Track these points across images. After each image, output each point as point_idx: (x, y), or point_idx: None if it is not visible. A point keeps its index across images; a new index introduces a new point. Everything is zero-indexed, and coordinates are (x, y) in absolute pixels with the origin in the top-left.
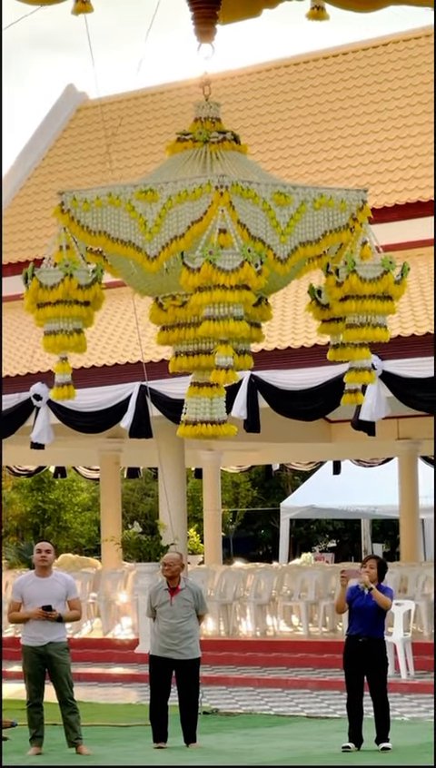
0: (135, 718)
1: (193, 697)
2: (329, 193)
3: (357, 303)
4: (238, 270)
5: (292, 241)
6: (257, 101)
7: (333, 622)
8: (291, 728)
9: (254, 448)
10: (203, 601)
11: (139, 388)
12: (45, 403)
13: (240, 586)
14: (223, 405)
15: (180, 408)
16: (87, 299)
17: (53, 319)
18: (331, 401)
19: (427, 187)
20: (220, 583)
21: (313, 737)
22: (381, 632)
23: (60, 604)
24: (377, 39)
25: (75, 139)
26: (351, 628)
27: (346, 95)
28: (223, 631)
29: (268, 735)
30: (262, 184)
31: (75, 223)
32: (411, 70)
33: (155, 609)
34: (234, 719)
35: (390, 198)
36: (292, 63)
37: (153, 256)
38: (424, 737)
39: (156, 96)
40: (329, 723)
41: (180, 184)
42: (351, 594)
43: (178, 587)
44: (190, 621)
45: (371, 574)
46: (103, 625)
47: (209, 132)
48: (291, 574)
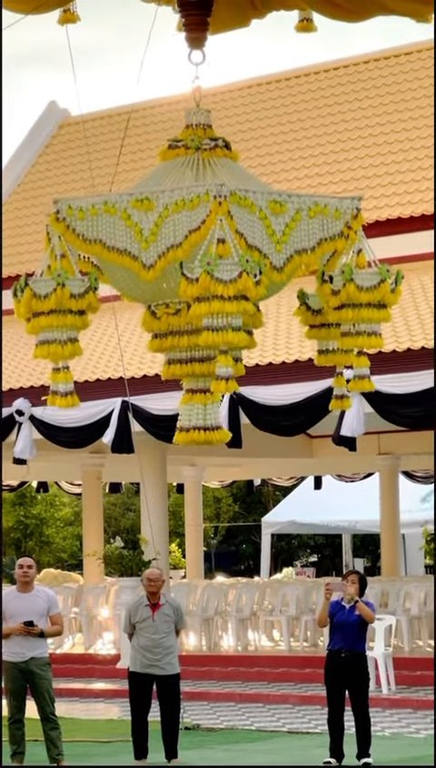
0: (117, 734)
1: (175, 712)
2: (323, 201)
3: (354, 312)
4: (236, 281)
5: (288, 249)
6: (248, 115)
7: (315, 637)
8: (272, 743)
9: (236, 464)
10: (183, 616)
11: (121, 403)
12: (28, 419)
13: (221, 601)
14: (218, 411)
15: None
16: (81, 308)
17: (46, 328)
18: (312, 417)
19: (420, 201)
20: (202, 598)
21: (295, 752)
22: (363, 646)
23: (42, 619)
24: (370, 54)
25: (58, 155)
26: (332, 643)
27: (338, 110)
28: (205, 646)
29: (249, 751)
30: (258, 193)
31: (71, 232)
32: (400, 85)
33: (135, 625)
34: (216, 734)
35: (382, 212)
36: (283, 77)
37: (150, 265)
38: (405, 752)
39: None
40: (310, 738)
41: (177, 193)
42: (332, 608)
43: (159, 603)
44: (170, 636)
45: (353, 588)
46: (84, 640)
47: (201, 140)
48: (272, 589)
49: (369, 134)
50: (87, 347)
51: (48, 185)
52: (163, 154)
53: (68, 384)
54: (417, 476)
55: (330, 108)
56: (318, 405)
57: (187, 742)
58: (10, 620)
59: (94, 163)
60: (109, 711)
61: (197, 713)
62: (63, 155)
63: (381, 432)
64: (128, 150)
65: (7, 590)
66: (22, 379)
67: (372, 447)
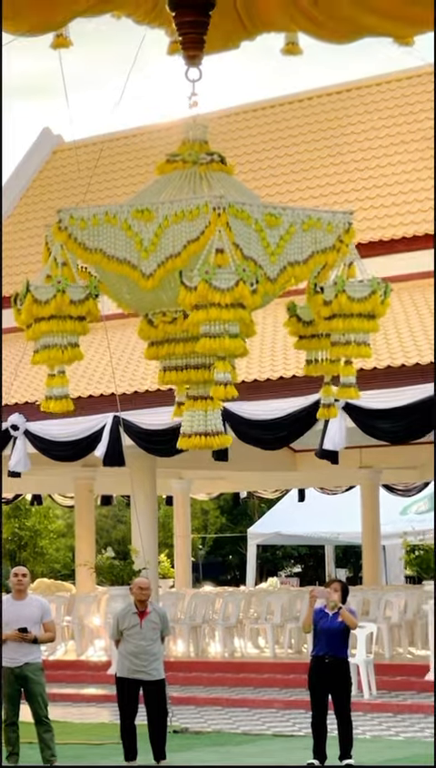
0: (108, 737)
1: (161, 716)
2: (316, 215)
3: (344, 322)
4: (233, 290)
5: (282, 260)
6: (245, 140)
7: (299, 643)
8: (257, 746)
9: (222, 477)
10: (168, 624)
11: (112, 418)
12: (22, 433)
13: (209, 609)
14: (219, 417)
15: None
16: (80, 314)
17: (47, 333)
18: (295, 431)
19: (411, 223)
20: (189, 606)
21: (279, 754)
22: (346, 653)
23: (35, 626)
24: (369, 79)
25: (51, 180)
26: (316, 649)
27: (331, 134)
28: (193, 652)
29: (236, 753)
30: (254, 205)
31: (72, 240)
32: (390, 110)
33: (122, 632)
34: (203, 737)
35: (375, 233)
36: (277, 102)
37: (149, 274)
38: (385, 754)
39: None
40: (294, 740)
41: (176, 205)
42: (316, 616)
43: (147, 611)
44: (157, 643)
45: (336, 596)
46: (76, 646)
47: (198, 154)
48: (257, 597)
49: (367, 157)
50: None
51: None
52: (161, 168)
53: (64, 388)
54: (397, 489)
55: (327, 132)
56: (301, 420)
57: (176, 744)
58: (5, 627)
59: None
60: (100, 714)
61: (185, 716)
62: (56, 180)
63: (362, 447)
64: (120, 175)
65: (2, 598)
66: (17, 395)
67: (354, 460)
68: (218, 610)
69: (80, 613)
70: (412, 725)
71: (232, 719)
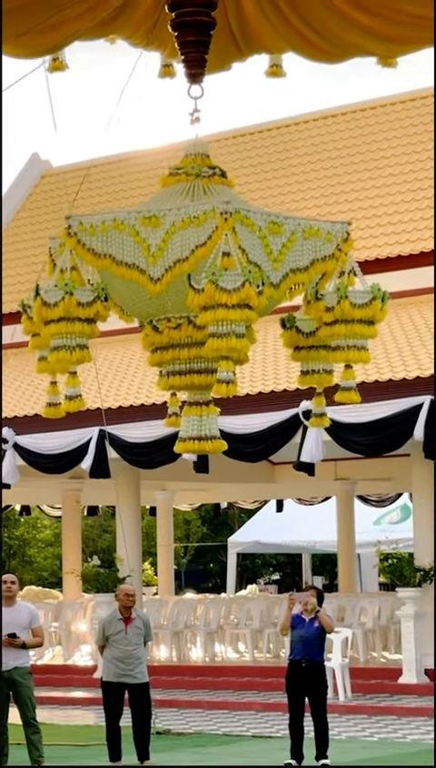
0: (93, 738)
1: (146, 718)
2: (316, 225)
3: (346, 327)
4: (239, 290)
5: (284, 267)
6: (252, 159)
7: (277, 648)
8: (237, 747)
9: (204, 488)
10: (151, 629)
11: (98, 432)
12: (12, 446)
13: (190, 615)
14: (215, 422)
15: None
16: (88, 315)
17: (56, 335)
18: (274, 444)
19: (406, 242)
20: (172, 612)
21: (258, 755)
22: (322, 656)
23: (24, 631)
24: (368, 102)
25: (40, 203)
26: (293, 653)
27: (327, 156)
28: (175, 657)
29: (216, 753)
30: (258, 213)
31: (81, 246)
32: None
33: (108, 638)
34: (185, 738)
35: (371, 252)
36: (283, 124)
37: (157, 278)
38: (359, 755)
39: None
40: (273, 741)
41: (183, 211)
42: (293, 621)
43: (131, 617)
44: (141, 648)
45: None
46: (63, 651)
47: (200, 167)
48: (237, 604)
49: (357, 179)
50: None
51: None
52: (164, 180)
53: (76, 388)
54: (371, 499)
55: (319, 155)
56: (280, 433)
57: (159, 745)
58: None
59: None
60: (86, 717)
61: (168, 718)
62: (45, 203)
63: (337, 459)
64: (106, 199)
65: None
66: (6, 410)
67: (330, 472)
68: (199, 616)
69: (67, 619)
70: (386, 726)
71: (213, 721)
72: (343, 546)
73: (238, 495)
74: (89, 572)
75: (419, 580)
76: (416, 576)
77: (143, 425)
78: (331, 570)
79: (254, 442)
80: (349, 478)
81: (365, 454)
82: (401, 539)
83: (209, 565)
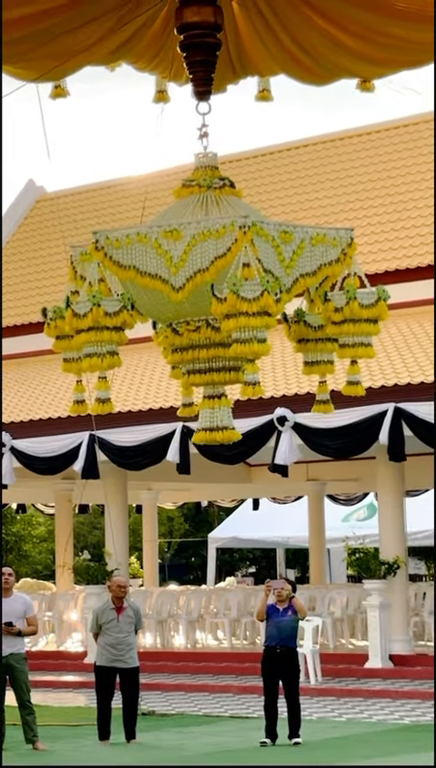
0: (83, 719)
1: (135, 700)
2: (323, 232)
3: (354, 326)
4: (259, 299)
5: (295, 273)
6: (255, 181)
7: (253, 635)
8: (216, 726)
9: (186, 488)
10: (141, 617)
11: (89, 436)
12: (9, 450)
13: (173, 605)
14: (228, 413)
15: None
16: (116, 324)
17: (87, 343)
18: (250, 448)
19: (404, 257)
20: (157, 602)
21: (236, 734)
22: (295, 643)
23: (20, 620)
24: (371, 126)
25: (35, 226)
26: (268, 640)
27: (326, 178)
28: (159, 644)
29: (197, 733)
30: (271, 224)
31: (108, 259)
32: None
33: (101, 626)
34: (169, 719)
35: (369, 267)
36: (275, 150)
37: (179, 287)
38: (328, 733)
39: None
40: (249, 722)
41: (203, 225)
42: (269, 611)
43: (123, 606)
44: (132, 635)
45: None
46: (56, 639)
47: (212, 179)
48: (217, 595)
49: (355, 199)
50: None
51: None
52: (178, 192)
53: (106, 392)
54: (340, 498)
55: (319, 176)
56: (255, 438)
57: (144, 726)
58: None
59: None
60: (77, 699)
61: (152, 701)
62: (39, 225)
63: (309, 461)
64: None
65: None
66: (3, 416)
67: (302, 474)
68: (182, 606)
69: (59, 609)
70: (353, 708)
71: (194, 703)
72: (314, 541)
73: (217, 494)
74: (80, 565)
75: (383, 573)
76: (381, 569)
77: (131, 430)
78: (303, 564)
79: (232, 446)
80: (319, 479)
81: (334, 457)
82: (367, 535)
83: (191, 559)
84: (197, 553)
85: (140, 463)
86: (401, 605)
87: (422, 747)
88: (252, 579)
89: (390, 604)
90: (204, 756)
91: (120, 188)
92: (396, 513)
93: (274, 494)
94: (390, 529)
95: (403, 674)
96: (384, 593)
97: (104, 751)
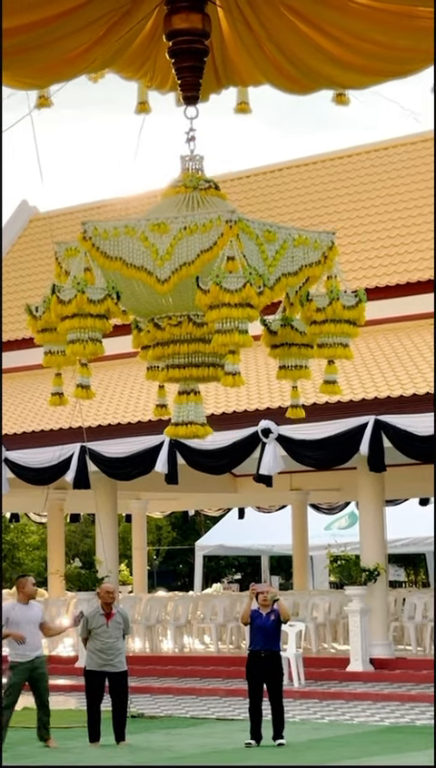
0: (74, 721)
1: (123, 703)
2: (305, 234)
3: (335, 326)
4: (241, 291)
5: (277, 271)
6: (257, 198)
7: (238, 640)
8: (203, 728)
9: (174, 498)
10: (129, 623)
11: (80, 448)
12: (3, 461)
13: (162, 611)
14: (201, 409)
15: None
16: (100, 311)
17: (70, 329)
18: (236, 459)
19: (394, 273)
20: (145, 608)
21: (222, 735)
22: (278, 647)
23: (36, 625)
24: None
25: (28, 245)
26: (253, 644)
27: (320, 197)
28: (148, 648)
29: (185, 734)
30: (255, 222)
31: (95, 249)
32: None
33: (91, 631)
34: (157, 721)
35: (371, 281)
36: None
37: (164, 279)
38: (311, 735)
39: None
40: (234, 723)
41: (190, 219)
42: (253, 615)
43: (112, 612)
44: (120, 640)
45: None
46: (48, 643)
47: (198, 181)
48: (203, 601)
49: (361, 215)
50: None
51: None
52: (166, 192)
53: (87, 378)
54: (322, 507)
55: (319, 194)
56: (240, 449)
57: (133, 727)
58: (15, 626)
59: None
60: (68, 702)
61: (142, 703)
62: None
63: (292, 472)
64: None
65: (10, 603)
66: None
67: (285, 484)
68: (170, 612)
69: (51, 614)
70: (335, 710)
71: (182, 705)
72: (298, 548)
73: (204, 503)
74: (71, 572)
75: (364, 579)
76: (362, 576)
77: (120, 441)
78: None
79: (219, 457)
80: (302, 489)
81: (317, 467)
82: (348, 543)
83: (178, 566)
84: (185, 560)
85: (129, 473)
86: (381, 610)
87: (402, 748)
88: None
89: (370, 609)
90: (192, 757)
91: (108, 208)
92: (376, 521)
93: (259, 503)
94: (370, 537)
95: (384, 677)
96: (365, 599)
97: (95, 752)
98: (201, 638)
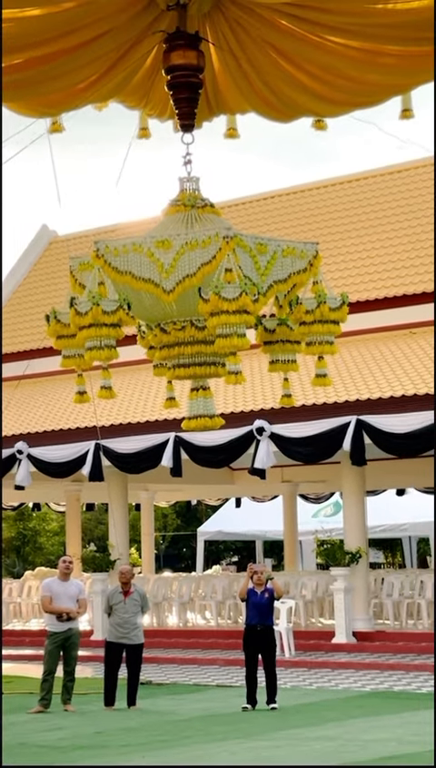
0: (91, 688)
1: (137, 672)
2: (292, 245)
3: (323, 326)
4: (238, 299)
5: (269, 279)
6: (258, 221)
7: (236, 615)
8: (205, 694)
9: (179, 489)
10: (147, 601)
11: (95, 445)
12: (26, 456)
13: (167, 590)
14: (209, 403)
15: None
16: (113, 321)
17: (88, 338)
18: (233, 454)
19: (373, 289)
20: (153, 587)
21: (221, 700)
22: (272, 621)
23: (73, 600)
24: (371, 171)
25: (48, 267)
26: (249, 619)
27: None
28: (155, 623)
29: (188, 699)
30: (248, 237)
31: (107, 265)
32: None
33: (112, 607)
34: (163, 688)
35: (370, 293)
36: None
37: (169, 290)
38: (300, 700)
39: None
40: (232, 690)
41: (191, 236)
42: (249, 593)
43: (130, 590)
44: (137, 616)
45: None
46: None
47: (195, 200)
48: (205, 580)
49: (361, 233)
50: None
51: (42, 289)
52: (166, 210)
53: (107, 380)
54: (310, 497)
55: (338, 214)
56: (237, 446)
57: (142, 694)
58: (56, 600)
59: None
60: (84, 671)
61: (149, 672)
62: (51, 266)
63: (283, 466)
64: None
65: (51, 579)
66: (21, 427)
67: (277, 476)
68: (175, 590)
69: None
70: (322, 677)
71: (185, 674)
72: (288, 534)
73: (205, 494)
74: (87, 555)
75: (348, 561)
76: (346, 558)
77: (131, 439)
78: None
79: (218, 453)
80: (292, 481)
81: (305, 461)
82: (333, 529)
83: (182, 550)
84: (188, 545)
85: (138, 467)
86: (362, 589)
87: (381, 711)
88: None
89: (353, 588)
90: (195, 720)
91: (123, 230)
92: (358, 510)
93: (254, 493)
94: (353, 524)
95: (365, 648)
96: (348, 578)
97: (108, 714)
98: (202, 614)
